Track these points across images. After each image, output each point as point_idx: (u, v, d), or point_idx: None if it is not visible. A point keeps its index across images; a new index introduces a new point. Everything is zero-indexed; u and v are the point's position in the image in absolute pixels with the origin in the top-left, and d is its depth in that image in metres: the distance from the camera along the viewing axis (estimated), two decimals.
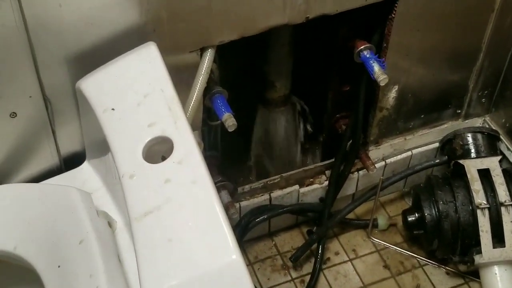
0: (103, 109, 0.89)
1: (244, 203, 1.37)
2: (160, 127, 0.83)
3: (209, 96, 1.13)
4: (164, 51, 0.94)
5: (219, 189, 1.30)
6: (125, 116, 0.86)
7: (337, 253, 1.45)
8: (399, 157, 1.46)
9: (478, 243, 1.32)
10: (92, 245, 0.90)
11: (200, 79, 1.05)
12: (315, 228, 1.43)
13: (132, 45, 0.95)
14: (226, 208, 1.29)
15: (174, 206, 0.76)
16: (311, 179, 1.43)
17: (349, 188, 1.46)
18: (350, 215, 1.48)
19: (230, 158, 1.37)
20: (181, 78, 1.05)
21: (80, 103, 0.98)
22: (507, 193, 1.32)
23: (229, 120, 1.09)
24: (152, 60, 0.90)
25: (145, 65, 0.90)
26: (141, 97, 0.87)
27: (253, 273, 1.41)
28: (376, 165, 1.43)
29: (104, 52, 0.96)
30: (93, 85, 0.92)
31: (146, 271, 0.72)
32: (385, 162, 1.45)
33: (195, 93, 1.04)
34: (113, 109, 0.88)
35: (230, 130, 1.10)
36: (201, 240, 0.74)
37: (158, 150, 0.83)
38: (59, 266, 0.91)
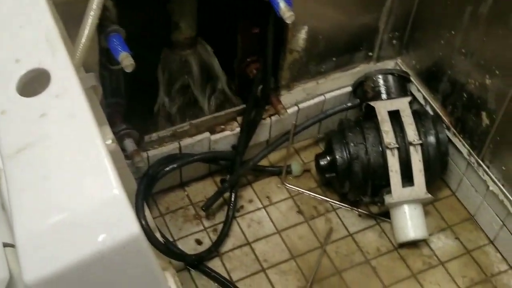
0: None
1: (152, 152, 1.33)
2: (37, 59, 0.76)
3: (105, 35, 1.07)
4: None
5: (123, 137, 1.25)
6: None
7: (251, 201, 1.43)
8: (312, 101, 1.44)
9: (388, 184, 1.32)
10: None
11: (91, 14, 0.98)
12: (228, 176, 1.40)
13: None
14: (131, 156, 1.24)
15: (50, 141, 0.71)
16: (223, 126, 1.39)
17: (262, 134, 1.43)
18: (264, 162, 1.46)
19: (136, 105, 1.32)
20: (71, 15, 0.99)
21: None
22: (416, 133, 1.32)
23: (126, 60, 1.04)
24: None
25: None
26: (16, 28, 0.80)
27: (164, 224, 1.37)
28: (288, 110, 1.41)
29: None
30: None
31: (19, 209, 0.67)
32: (298, 107, 1.43)
33: (86, 30, 0.98)
34: None
35: (127, 70, 1.04)
36: (79, 176, 0.69)
37: (36, 83, 0.77)
38: None
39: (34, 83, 0.76)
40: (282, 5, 1.14)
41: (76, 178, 0.70)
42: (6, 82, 0.75)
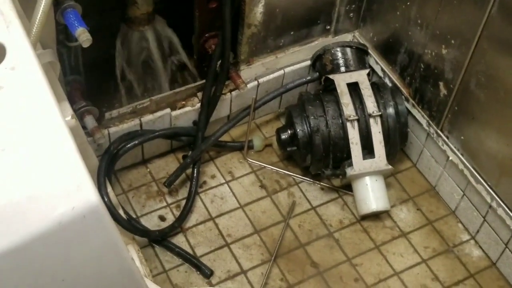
0: None
1: (113, 129, 1.32)
2: None
3: (61, 11, 1.06)
4: None
5: (83, 114, 1.23)
6: None
7: (213, 176, 1.43)
8: (271, 76, 1.45)
9: (349, 156, 1.34)
10: None
11: None
12: (189, 152, 1.40)
13: None
14: (92, 133, 1.23)
15: (6, 113, 0.70)
16: (183, 102, 1.38)
17: (223, 110, 1.43)
18: (226, 138, 1.46)
19: (96, 82, 1.30)
20: None
21: None
22: (375, 104, 1.34)
23: (82, 35, 1.02)
24: None
25: None
26: None
27: (127, 201, 1.36)
28: (248, 85, 1.41)
29: None
30: None
31: None
32: (258, 81, 1.44)
33: (41, 6, 0.96)
34: None
35: (84, 45, 1.03)
36: (38, 148, 0.68)
37: None
38: None
39: None
40: None
41: (34, 151, 0.69)
42: None
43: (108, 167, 1.29)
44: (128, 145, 1.32)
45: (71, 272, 0.69)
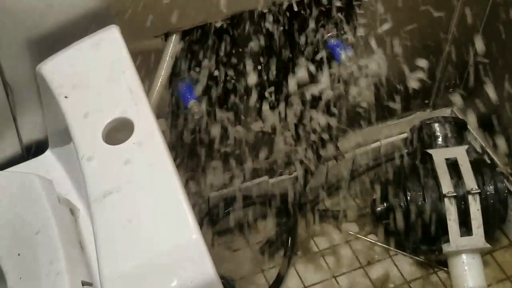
0: (63, 93, 0.87)
1: (213, 194, 1.36)
2: (121, 109, 0.81)
3: (175, 83, 1.12)
4: (128, 36, 0.93)
5: (186, 179, 1.29)
6: (86, 100, 0.85)
7: (307, 244, 1.44)
8: (368, 147, 1.46)
9: (446, 232, 1.32)
10: (53, 232, 0.88)
11: (165, 64, 1.04)
12: (284, 219, 1.43)
13: (94, 29, 0.94)
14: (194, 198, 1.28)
15: (133, 187, 0.75)
16: (281, 170, 1.42)
17: (319, 178, 1.45)
18: (321, 206, 1.48)
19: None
20: (147, 64, 1.04)
21: (41, 88, 0.96)
22: (474, 181, 1.33)
23: (194, 107, 1.08)
24: (114, 43, 0.89)
25: (107, 48, 0.89)
26: (102, 80, 0.86)
27: (223, 265, 1.40)
28: (346, 155, 1.43)
29: (66, 36, 0.93)
30: (54, 69, 0.90)
31: (104, 252, 0.71)
32: (355, 152, 1.45)
33: (160, 78, 1.03)
34: (74, 93, 0.86)
35: (196, 117, 1.09)
36: (160, 220, 0.73)
37: (120, 132, 0.82)
38: (19, 254, 0.89)
39: (118, 131, 0.81)
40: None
41: (157, 223, 0.73)
42: (93, 131, 0.80)
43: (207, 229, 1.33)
44: (226, 210, 1.36)
45: None
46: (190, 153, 1.30)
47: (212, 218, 1.36)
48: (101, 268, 0.71)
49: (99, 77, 0.86)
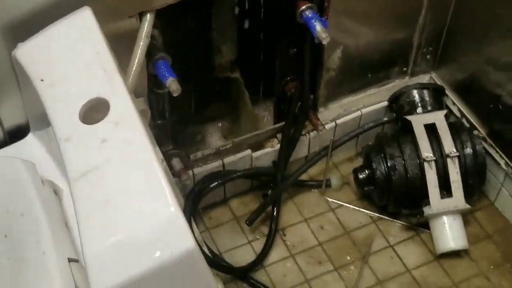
0: (39, 77, 0.89)
1: (197, 170, 1.39)
2: (96, 89, 0.83)
3: (153, 62, 1.14)
4: (103, 17, 0.94)
5: (170, 156, 1.31)
6: (61, 82, 0.87)
7: (292, 214, 1.47)
8: (348, 117, 1.49)
9: (426, 195, 1.35)
10: (37, 213, 0.91)
11: (141, 44, 1.05)
12: (269, 191, 1.45)
13: (68, 11, 0.95)
14: (178, 174, 1.30)
15: (111, 164, 0.77)
16: (263, 143, 1.44)
17: (302, 150, 1.48)
18: (305, 177, 1.50)
19: (182, 126, 1.38)
20: (123, 45, 1.06)
21: (18, 73, 0.97)
22: (453, 145, 1.35)
23: (173, 85, 1.10)
24: (87, 24, 0.91)
25: (80, 30, 0.90)
26: (77, 62, 0.87)
27: (210, 238, 1.42)
28: (326, 126, 1.45)
29: (40, 20, 0.95)
30: (29, 53, 0.91)
31: (86, 229, 0.73)
32: (336, 123, 1.48)
33: (136, 58, 1.05)
34: (49, 76, 0.88)
35: (174, 94, 1.10)
36: (139, 195, 0.75)
37: (97, 112, 0.84)
38: (5, 236, 0.92)
39: (94, 111, 0.83)
40: (318, 27, 1.19)
41: (136, 198, 0.76)
42: (70, 112, 0.82)
43: (193, 206, 1.35)
44: (211, 185, 1.39)
45: None
46: (173, 128, 1.33)
47: (198, 194, 1.38)
48: (83, 244, 0.73)
49: (74, 59, 0.88)
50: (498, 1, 1.28)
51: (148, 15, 1.06)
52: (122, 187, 0.76)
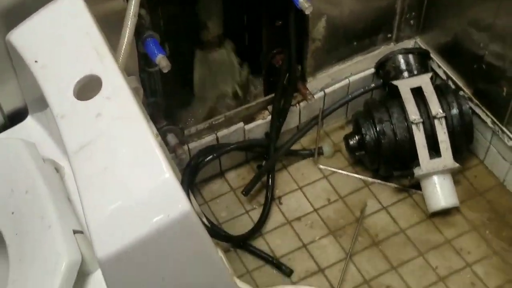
0: (33, 59, 0.92)
1: (192, 145, 1.43)
2: (88, 67, 0.87)
3: (142, 41, 1.17)
4: None
5: (165, 132, 1.35)
6: (55, 62, 0.90)
7: (287, 183, 1.52)
8: (337, 86, 1.52)
9: (416, 157, 1.39)
10: (40, 190, 0.95)
11: (129, 23, 1.08)
12: (263, 162, 1.50)
13: None
14: (174, 149, 1.34)
15: (106, 137, 0.81)
16: (255, 116, 1.48)
17: (293, 121, 1.52)
18: (297, 146, 1.55)
19: (175, 102, 1.42)
20: (112, 26, 1.09)
21: (13, 57, 1.01)
22: (439, 106, 1.39)
23: (162, 61, 1.13)
24: (76, 6, 0.94)
25: (70, 12, 0.94)
26: (68, 42, 0.91)
27: (209, 210, 1.47)
28: (315, 95, 1.49)
29: (32, 4, 0.98)
30: (22, 36, 0.95)
31: (87, 199, 0.78)
32: (324, 92, 1.52)
33: (125, 37, 1.08)
34: (43, 57, 0.91)
35: (164, 71, 1.14)
36: (135, 164, 0.79)
37: (90, 89, 0.88)
38: (12, 213, 0.96)
39: (88, 89, 0.87)
40: None
41: (132, 167, 0.80)
42: (64, 90, 0.85)
43: (190, 179, 1.40)
44: (207, 159, 1.43)
45: (170, 271, 0.80)
46: (165, 105, 1.36)
47: (194, 167, 1.42)
48: (86, 214, 0.78)
49: (65, 39, 0.91)
50: None
51: None
52: (118, 158, 0.80)
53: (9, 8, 0.99)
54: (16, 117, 1.14)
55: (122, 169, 0.79)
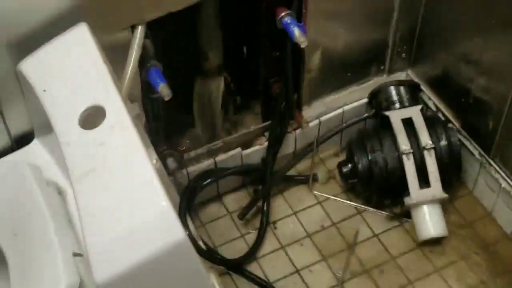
0: (42, 88, 0.98)
1: (191, 169, 1.48)
2: (93, 97, 0.92)
3: (145, 70, 1.23)
4: (98, 31, 1.04)
5: (165, 156, 1.40)
6: (62, 92, 0.95)
7: (282, 208, 1.56)
8: (331, 114, 1.57)
9: (406, 186, 1.44)
10: (43, 212, 1.00)
11: (134, 53, 1.14)
12: (260, 186, 1.54)
13: (67, 26, 1.04)
14: (173, 173, 1.39)
15: (108, 165, 0.86)
16: (252, 141, 1.53)
17: (289, 147, 1.57)
18: (293, 172, 1.59)
19: (175, 127, 1.47)
20: (118, 55, 1.14)
21: (22, 84, 1.06)
22: (428, 138, 1.44)
23: (164, 90, 1.19)
24: (84, 39, 0.99)
25: (78, 44, 0.99)
26: (75, 73, 0.96)
27: (206, 233, 1.51)
28: (311, 123, 1.54)
29: (42, 36, 1.04)
30: (32, 66, 1.00)
31: (87, 225, 0.82)
32: (320, 120, 1.56)
33: (130, 67, 1.14)
34: (51, 87, 0.97)
35: (166, 99, 1.19)
36: (134, 192, 0.84)
37: (94, 118, 0.93)
38: (15, 234, 1.00)
39: (93, 118, 0.92)
40: (296, 33, 1.28)
41: (131, 195, 0.85)
42: (70, 119, 0.90)
43: (187, 202, 1.44)
44: (205, 182, 1.48)
45: None
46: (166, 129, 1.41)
47: (193, 191, 1.47)
48: (85, 239, 0.82)
49: (72, 70, 0.97)
50: (462, 4, 1.37)
51: (140, 27, 1.15)
52: (118, 186, 0.85)
53: (20, 39, 1.04)
54: (22, 140, 1.19)
55: (121, 197, 0.83)
